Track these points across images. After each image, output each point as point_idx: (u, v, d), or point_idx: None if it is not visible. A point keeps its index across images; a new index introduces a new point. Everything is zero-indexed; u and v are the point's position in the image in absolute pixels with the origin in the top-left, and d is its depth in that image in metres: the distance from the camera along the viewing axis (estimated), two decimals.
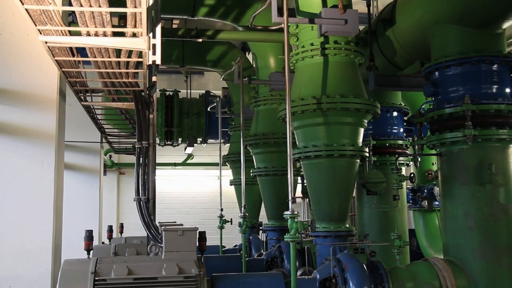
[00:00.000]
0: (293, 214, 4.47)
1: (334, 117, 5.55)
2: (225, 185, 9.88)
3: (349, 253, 5.12)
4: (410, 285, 5.09)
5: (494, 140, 5.25)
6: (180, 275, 4.42)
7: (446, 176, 5.56)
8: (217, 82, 13.49)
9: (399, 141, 7.65)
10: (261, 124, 8.10)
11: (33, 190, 5.58)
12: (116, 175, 17.92)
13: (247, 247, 8.19)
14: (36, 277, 5.46)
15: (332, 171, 5.60)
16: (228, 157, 10.08)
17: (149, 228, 4.99)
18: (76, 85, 5.78)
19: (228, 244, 10.79)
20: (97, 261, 4.47)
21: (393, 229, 5.87)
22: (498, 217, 5.21)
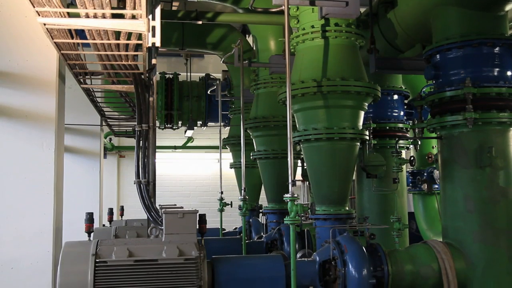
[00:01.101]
0: (293, 197, 4.48)
1: (335, 100, 5.53)
2: (225, 168, 9.90)
3: (348, 236, 5.14)
4: (409, 267, 5.13)
5: (495, 123, 5.23)
6: (181, 257, 4.45)
7: (446, 159, 5.56)
8: (217, 65, 13.42)
9: (399, 124, 7.63)
10: (261, 107, 8.08)
11: (33, 172, 5.60)
12: (116, 158, 17.93)
13: (247, 229, 8.23)
14: (37, 259, 5.51)
15: (332, 154, 5.60)
16: (228, 140, 10.08)
17: (149, 211, 5.01)
18: (76, 68, 5.75)
19: (228, 227, 10.85)
20: (98, 243, 4.50)
21: (393, 212, 5.89)
22: (498, 200, 5.22)
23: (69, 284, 4.29)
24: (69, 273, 4.33)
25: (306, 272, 4.99)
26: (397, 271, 5.06)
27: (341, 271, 4.81)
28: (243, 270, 4.96)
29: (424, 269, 5.13)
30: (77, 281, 4.28)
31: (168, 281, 4.39)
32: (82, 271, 4.31)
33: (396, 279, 5.04)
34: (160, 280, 4.38)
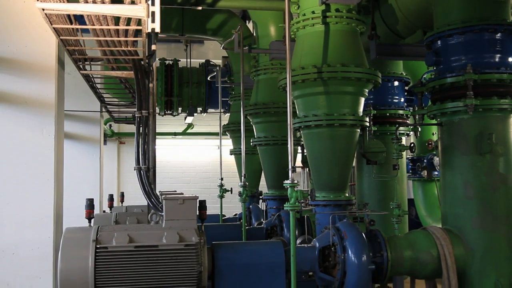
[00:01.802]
0: (293, 183, 4.49)
1: (335, 86, 5.52)
2: (225, 154, 9.90)
3: (348, 222, 5.16)
4: (408, 253, 5.15)
5: (495, 110, 5.23)
6: (181, 243, 4.47)
7: (446, 146, 5.56)
8: (217, 51, 13.35)
9: (400, 111, 7.63)
10: (261, 94, 8.06)
11: (33, 159, 5.59)
12: (116, 145, 17.93)
13: (247, 216, 8.26)
14: (38, 245, 5.53)
15: (332, 141, 5.60)
16: (228, 127, 10.07)
17: (149, 197, 5.02)
18: (75, 54, 5.72)
19: (228, 213, 10.88)
20: (98, 229, 4.52)
21: (392, 198, 5.91)
22: (497, 187, 5.23)
23: (70, 269, 4.31)
24: (70, 259, 4.35)
25: (306, 258, 5.02)
26: (396, 257, 5.09)
27: (341, 257, 4.84)
28: (243, 256, 4.98)
29: (423, 255, 5.16)
30: (78, 267, 4.31)
31: (168, 266, 4.41)
32: (82, 256, 4.33)
33: (395, 265, 5.08)
34: (161, 265, 4.41)
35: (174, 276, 4.41)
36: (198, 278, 4.45)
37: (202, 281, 4.49)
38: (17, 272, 5.51)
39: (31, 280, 5.52)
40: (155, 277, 4.39)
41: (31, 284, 5.52)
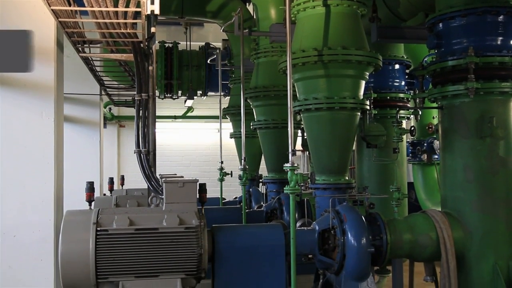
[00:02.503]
0: (293, 166, 4.49)
1: (335, 69, 5.49)
2: (225, 138, 9.89)
3: (348, 205, 5.18)
4: (408, 236, 5.18)
5: (496, 93, 5.21)
6: (181, 226, 4.48)
7: (447, 129, 5.55)
8: (217, 34, 13.25)
9: (400, 94, 7.60)
10: (261, 77, 8.02)
11: (33, 142, 5.59)
12: (116, 128, 17.91)
13: (247, 199, 8.28)
14: (39, 228, 5.56)
15: (333, 124, 5.59)
16: (228, 110, 10.04)
17: (149, 180, 5.03)
18: (74, 36, 5.68)
19: (228, 196, 10.92)
20: (99, 212, 4.53)
21: (392, 181, 5.92)
22: (497, 170, 5.23)
23: (70, 252, 4.34)
24: (70, 241, 4.37)
25: (306, 241, 5.04)
26: (395, 240, 5.11)
27: (340, 240, 4.86)
28: (243, 239, 5.01)
29: (422, 238, 5.18)
30: (79, 249, 4.33)
31: (169, 249, 4.44)
32: (83, 239, 4.35)
33: (394, 247, 5.10)
34: (161, 248, 4.43)
35: (174, 258, 4.44)
36: (198, 260, 4.48)
37: (202, 264, 4.52)
38: (19, 255, 5.54)
39: (33, 262, 5.56)
40: (155, 260, 4.42)
41: (32, 266, 5.56)
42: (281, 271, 4.82)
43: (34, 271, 5.54)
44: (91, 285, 4.40)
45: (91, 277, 4.33)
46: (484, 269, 5.14)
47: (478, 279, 5.16)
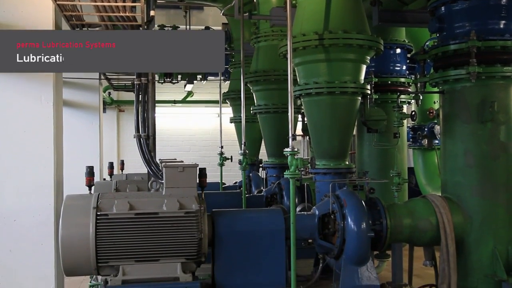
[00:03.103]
0: (293, 151, 4.48)
1: (336, 54, 5.45)
2: (225, 122, 9.87)
3: (348, 190, 5.17)
4: (408, 221, 5.18)
5: (498, 77, 5.17)
6: (181, 211, 4.49)
7: (448, 114, 5.52)
8: (217, 18, 13.14)
9: (401, 78, 7.56)
10: (261, 61, 7.97)
11: (32, 126, 5.58)
12: (116, 113, 17.86)
13: (247, 184, 8.29)
14: (39, 212, 5.57)
15: (333, 109, 5.57)
16: (228, 95, 10.01)
17: (149, 165, 5.02)
18: (72, 19, 5.62)
19: (228, 181, 10.92)
20: (99, 196, 4.53)
21: (393, 166, 5.91)
22: (498, 155, 5.22)
23: (71, 236, 4.34)
24: (71, 225, 4.37)
25: (306, 226, 5.05)
26: (395, 225, 5.12)
27: (340, 225, 4.86)
28: (243, 223, 5.02)
29: (422, 223, 5.19)
30: (79, 234, 4.34)
31: (169, 234, 4.44)
32: (83, 224, 4.35)
33: (394, 232, 5.11)
34: (161, 233, 4.43)
35: (174, 243, 4.45)
36: (198, 245, 4.49)
37: (202, 248, 4.53)
38: (19, 239, 5.56)
39: (33, 246, 5.58)
40: (155, 244, 4.42)
41: (33, 250, 5.58)
42: (281, 256, 4.83)
43: (35, 255, 5.56)
44: (91, 269, 4.42)
45: (92, 261, 4.34)
46: (483, 254, 5.15)
47: (477, 264, 5.17)
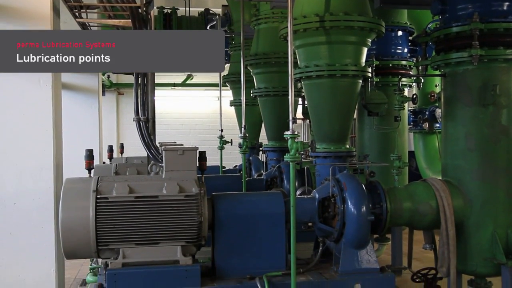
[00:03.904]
0: (293, 134, 4.45)
1: (337, 36, 5.40)
2: (225, 106, 9.83)
3: (348, 174, 5.16)
4: (408, 204, 5.17)
5: (501, 60, 5.12)
6: (181, 194, 4.48)
7: (449, 97, 5.49)
8: (217, 0, 13.03)
9: (403, 61, 7.51)
10: (262, 43, 7.91)
11: (31, 109, 5.55)
12: (115, 96, 17.81)
13: (247, 167, 8.28)
14: (39, 195, 5.56)
15: (334, 92, 5.53)
16: (228, 78, 9.95)
17: (149, 148, 5.01)
18: (70, 1, 5.57)
19: (228, 165, 10.92)
20: (99, 179, 4.52)
21: (393, 150, 5.89)
22: (499, 139, 5.20)
23: (71, 219, 4.34)
24: (70, 209, 4.37)
25: (306, 209, 5.04)
26: (395, 208, 5.11)
27: (340, 208, 4.86)
28: (243, 207, 5.01)
29: (422, 206, 5.18)
30: (79, 217, 4.34)
31: (169, 217, 4.44)
32: (83, 207, 4.35)
33: (394, 216, 5.11)
34: (161, 216, 4.43)
35: (174, 226, 4.45)
36: (198, 228, 4.49)
37: (202, 231, 4.53)
38: (19, 222, 5.56)
39: (33, 230, 5.58)
40: (155, 227, 4.43)
41: (33, 233, 5.59)
42: (281, 239, 4.84)
43: (35, 238, 5.57)
44: (91, 252, 4.43)
45: (92, 244, 4.35)
46: (483, 237, 5.16)
47: (476, 247, 5.18)
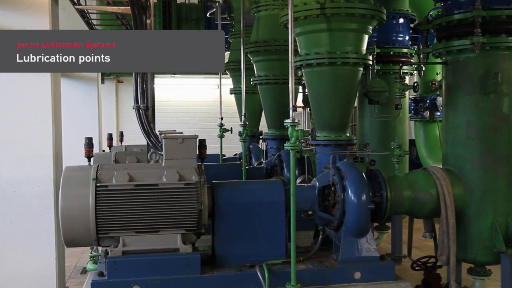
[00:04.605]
0: (293, 123, 4.43)
1: (338, 23, 5.34)
2: (225, 94, 9.79)
3: (348, 162, 5.14)
4: (408, 193, 5.17)
5: (503, 48, 5.07)
6: (181, 182, 4.47)
7: (450, 85, 5.46)
8: None
9: (404, 49, 7.46)
10: (262, 31, 7.84)
11: (30, 97, 5.54)
12: (115, 84, 17.73)
13: (247, 155, 8.27)
14: (38, 183, 5.57)
15: (334, 79, 5.50)
16: (228, 65, 9.89)
17: (149, 136, 4.99)
18: None
19: (228, 153, 10.91)
20: (98, 167, 4.50)
21: (394, 138, 5.87)
22: (500, 127, 5.17)
23: (71, 207, 4.34)
24: (70, 197, 4.36)
25: (306, 197, 5.03)
26: (395, 197, 5.10)
27: (341, 196, 4.85)
28: (243, 195, 5.00)
29: (422, 195, 5.17)
30: (79, 205, 4.33)
31: (169, 205, 4.44)
32: (83, 195, 4.34)
33: (394, 204, 5.10)
34: (161, 204, 4.43)
35: (174, 214, 4.45)
36: (198, 216, 4.49)
37: (202, 220, 4.53)
38: (19, 210, 5.57)
39: (33, 218, 5.60)
40: (155, 216, 4.42)
41: (33, 221, 5.60)
42: (281, 227, 4.84)
43: (35, 226, 5.58)
44: (91, 240, 4.43)
45: (92, 232, 4.35)
46: (483, 226, 5.16)
47: (476, 235, 5.19)
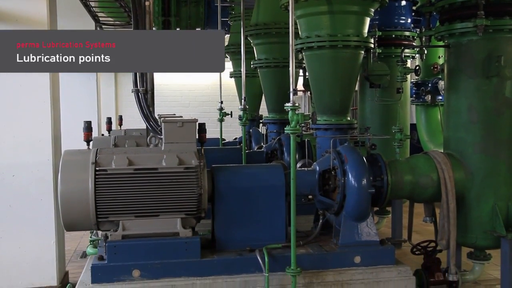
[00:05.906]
0: (294, 106, 4.38)
1: (339, 5, 5.28)
2: (225, 77, 9.72)
3: (349, 146, 5.12)
4: (409, 177, 5.15)
5: (506, 30, 5.02)
6: (180, 166, 4.45)
7: (453, 68, 5.40)
8: None
9: (406, 32, 7.38)
10: (262, 13, 7.75)
11: (27, 80, 5.49)
12: None
13: (247, 139, 8.24)
14: (37, 167, 5.55)
15: (335, 63, 5.44)
16: (228, 48, 9.80)
17: (148, 120, 4.95)
18: None
19: (228, 137, 10.88)
20: (97, 151, 4.47)
21: (395, 122, 5.83)
22: (502, 111, 5.14)
23: (70, 191, 4.32)
24: (69, 181, 4.34)
25: (306, 182, 5.01)
26: (396, 181, 5.08)
27: (341, 181, 4.83)
28: (243, 179, 4.98)
29: (423, 179, 5.15)
30: (78, 189, 4.31)
31: (168, 189, 4.42)
32: (82, 179, 4.32)
33: (395, 188, 5.08)
34: (160, 188, 4.41)
35: (174, 198, 4.43)
36: (198, 200, 4.47)
37: (202, 204, 4.51)
38: (18, 194, 5.56)
39: (33, 202, 5.59)
40: (155, 200, 4.41)
41: (32, 205, 5.59)
42: (281, 212, 4.83)
43: (34, 210, 5.58)
44: (91, 224, 4.42)
45: (91, 216, 4.33)
46: (484, 210, 5.15)
47: (477, 220, 5.18)
